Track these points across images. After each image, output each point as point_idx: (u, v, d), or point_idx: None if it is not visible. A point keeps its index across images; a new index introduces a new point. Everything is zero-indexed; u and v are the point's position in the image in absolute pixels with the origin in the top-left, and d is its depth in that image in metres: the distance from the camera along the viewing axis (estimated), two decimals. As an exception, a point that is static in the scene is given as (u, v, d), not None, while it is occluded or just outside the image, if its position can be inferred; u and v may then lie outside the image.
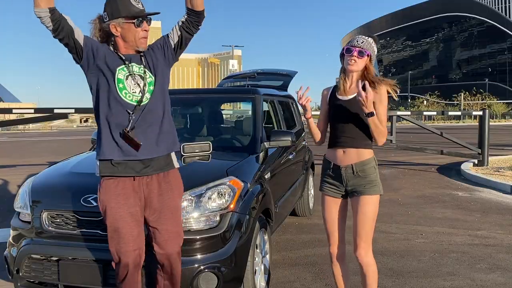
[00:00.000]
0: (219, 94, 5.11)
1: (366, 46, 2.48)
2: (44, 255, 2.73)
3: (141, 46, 2.27)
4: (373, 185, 2.53)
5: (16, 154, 17.03)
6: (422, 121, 41.02)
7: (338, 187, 2.61)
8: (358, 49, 2.46)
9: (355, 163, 2.52)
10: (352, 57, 2.47)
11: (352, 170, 2.52)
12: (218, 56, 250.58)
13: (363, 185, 2.52)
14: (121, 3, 2.18)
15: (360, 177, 2.52)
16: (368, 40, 2.50)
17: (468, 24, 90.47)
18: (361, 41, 2.48)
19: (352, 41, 2.51)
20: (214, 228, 2.72)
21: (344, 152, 2.54)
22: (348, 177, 2.54)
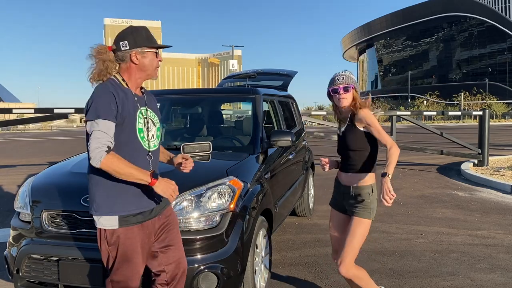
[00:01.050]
0: (219, 94, 5.11)
1: (347, 81, 2.73)
2: (44, 255, 2.72)
3: (155, 76, 2.33)
4: (365, 209, 2.75)
5: (16, 154, 17.03)
6: (422, 121, 41.05)
7: (341, 203, 2.89)
8: (342, 86, 2.72)
9: (353, 185, 2.79)
10: (340, 95, 2.73)
11: (350, 191, 2.80)
12: (218, 56, 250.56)
13: (356, 207, 2.76)
14: (146, 34, 2.27)
15: (355, 199, 2.77)
16: (346, 74, 2.76)
17: (468, 24, 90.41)
18: (341, 78, 2.74)
19: (333, 82, 2.75)
20: (214, 228, 2.72)
21: (348, 175, 2.83)
22: (346, 196, 2.83)
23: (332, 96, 2.79)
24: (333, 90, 2.77)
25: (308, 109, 70.99)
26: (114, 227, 2.16)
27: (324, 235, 4.90)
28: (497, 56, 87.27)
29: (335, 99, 2.79)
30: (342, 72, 2.80)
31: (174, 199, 2.22)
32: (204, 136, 4.34)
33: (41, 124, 53.78)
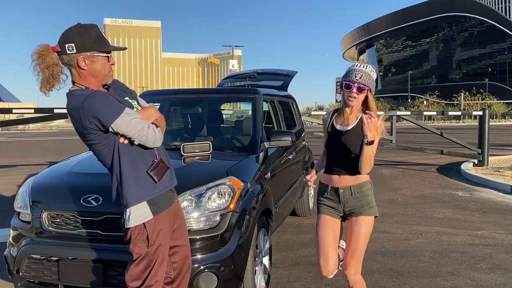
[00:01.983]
0: (219, 94, 5.11)
1: (365, 80, 2.44)
2: (44, 255, 2.73)
3: (110, 80, 2.13)
4: (371, 206, 2.60)
5: (16, 154, 17.03)
6: (422, 121, 41.06)
7: (337, 208, 2.63)
8: (357, 85, 2.43)
9: (352, 185, 2.57)
10: (351, 93, 2.45)
11: (350, 191, 2.57)
12: (218, 56, 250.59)
13: (361, 206, 2.58)
14: (96, 35, 2.02)
15: (358, 198, 2.57)
16: (366, 72, 2.46)
17: (468, 24, 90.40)
18: (359, 75, 2.43)
19: (350, 75, 2.46)
20: (214, 228, 2.72)
21: (340, 177, 2.59)
22: (347, 198, 2.58)
23: (344, 90, 2.51)
24: (346, 85, 2.48)
25: (308, 109, 71.01)
26: (147, 217, 2.09)
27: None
28: (497, 56, 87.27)
29: (346, 94, 2.50)
30: (362, 67, 2.48)
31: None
32: (204, 136, 4.34)
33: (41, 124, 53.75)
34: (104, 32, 2.11)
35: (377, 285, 3.53)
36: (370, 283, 3.56)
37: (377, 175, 9.63)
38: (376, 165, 11.58)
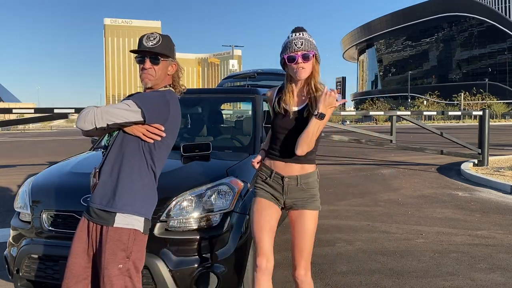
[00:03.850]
0: (219, 94, 5.11)
1: (307, 46, 2.18)
2: (44, 255, 2.73)
3: (142, 82, 2.26)
4: (315, 199, 2.34)
5: (16, 154, 17.03)
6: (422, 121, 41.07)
7: (277, 198, 2.36)
8: (301, 53, 2.17)
9: (299, 174, 2.30)
10: (298, 65, 2.19)
11: (297, 181, 2.30)
12: (218, 56, 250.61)
13: (305, 199, 2.31)
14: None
15: (303, 190, 2.31)
16: (305, 38, 2.19)
17: (468, 24, 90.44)
18: (300, 43, 2.17)
19: (289, 47, 2.20)
20: (214, 228, 2.72)
21: (285, 164, 2.32)
22: (291, 188, 2.32)
23: (288, 65, 2.23)
24: (289, 58, 2.19)
25: (308, 109, 70.64)
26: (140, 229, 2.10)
27: (324, 235, 4.90)
28: (497, 56, 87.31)
29: (290, 70, 2.23)
30: (300, 34, 2.21)
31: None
32: (204, 136, 4.34)
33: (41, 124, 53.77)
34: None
35: (377, 285, 3.53)
36: (370, 283, 3.56)
37: (377, 175, 9.63)
38: (376, 165, 11.58)
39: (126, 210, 2.07)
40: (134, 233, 2.08)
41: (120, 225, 2.05)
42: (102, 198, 2.09)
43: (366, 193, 7.46)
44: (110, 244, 2.04)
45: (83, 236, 2.16)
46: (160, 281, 2.54)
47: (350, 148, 16.83)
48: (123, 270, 2.05)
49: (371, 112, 11.83)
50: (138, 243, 2.10)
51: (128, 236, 2.06)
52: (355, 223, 5.46)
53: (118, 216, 2.06)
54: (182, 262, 2.59)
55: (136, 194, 2.10)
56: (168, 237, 2.63)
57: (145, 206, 2.13)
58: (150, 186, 2.16)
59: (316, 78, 2.26)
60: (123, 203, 2.07)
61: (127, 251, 2.06)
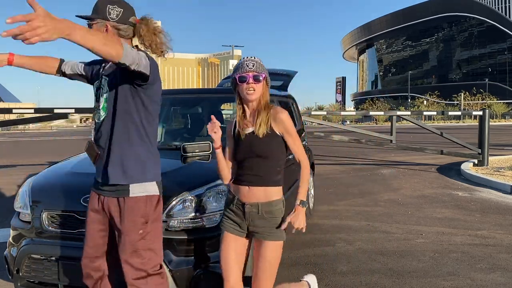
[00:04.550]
0: (219, 94, 5.11)
1: (258, 68, 2.22)
2: (44, 255, 2.73)
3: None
4: (278, 229, 2.26)
5: (16, 154, 17.03)
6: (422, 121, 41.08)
7: (240, 225, 2.30)
8: (252, 74, 2.19)
9: (261, 202, 2.24)
10: (249, 85, 2.20)
11: (258, 209, 2.24)
12: (218, 56, 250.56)
13: (267, 229, 2.25)
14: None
15: (265, 219, 2.24)
16: (257, 61, 2.25)
17: (468, 24, 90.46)
18: (251, 64, 2.21)
19: (241, 67, 2.23)
20: (214, 228, 2.72)
21: (249, 189, 2.26)
22: (252, 216, 2.25)
23: (239, 85, 2.23)
24: (240, 78, 2.21)
25: (308, 109, 71.00)
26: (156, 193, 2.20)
27: (324, 235, 4.91)
28: (497, 56, 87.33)
29: (241, 90, 2.23)
30: (252, 57, 2.27)
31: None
32: (204, 136, 4.34)
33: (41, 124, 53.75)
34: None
35: (377, 285, 3.53)
36: (370, 283, 3.56)
37: (377, 175, 9.63)
38: (376, 165, 11.59)
39: (138, 180, 2.14)
40: (150, 199, 2.18)
41: (136, 194, 2.14)
42: (111, 174, 2.13)
43: (366, 193, 7.46)
44: (129, 212, 2.13)
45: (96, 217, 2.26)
46: (160, 281, 2.54)
47: (350, 148, 16.83)
48: (144, 234, 2.15)
49: (371, 112, 11.83)
50: (155, 206, 2.20)
51: (146, 203, 2.16)
52: (355, 223, 5.46)
53: (132, 186, 2.14)
54: (182, 262, 2.59)
55: (141, 162, 2.16)
56: (168, 237, 2.63)
57: (152, 171, 2.19)
58: (151, 151, 2.21)
59: (263, 100, 2.26)
60: (132, 174, 2.13)
61: (145, 217, 2.15)
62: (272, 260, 2.24)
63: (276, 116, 2.23)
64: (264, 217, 2.24)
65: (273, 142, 2.24)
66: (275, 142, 2.25)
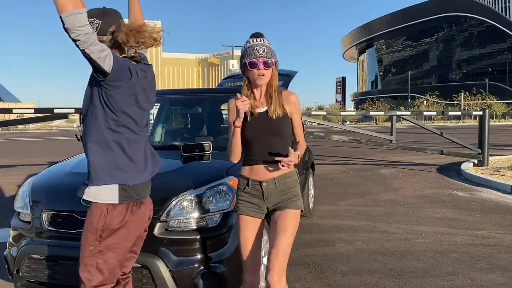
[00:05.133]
0: (219, 94, 5.11)
1: (268, 53, 2.24)
2: (44, 255, 2.73)
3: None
4: (296, 199, 2.31)
5: (16, 154, 17.03)
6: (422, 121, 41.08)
7: (259, 205, 2.31)
8: (262, 60, 2.22)
9: (277, 176, 2.28)
10: (259, 71, 2.23)
11: (275, 184, 2.28)
12: (218, 56, 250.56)
13: (286, 200, 2.29)
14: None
15: (283, 191, 2.29)
16: (266, 45, 2.26)
17: (468, 24, 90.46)
18: (262, 49, 2.23)
19: (252, 51, 2.23)
20: (214, 228, 2.72)
21: (265, 167, 2.29)
22: (270, 192, 2.29)
23: (249, 70, 2.25)
24: (250, 64, 2.22)
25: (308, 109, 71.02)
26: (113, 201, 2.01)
27: (324, 235, 4.91)
28: (497, 56, 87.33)
29: (251, 75, 2.26)
30: (261, 41, 2.26)
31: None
32: (204, 136, 4.34)
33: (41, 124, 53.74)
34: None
35: (377, 285, 3.53)
36: (370, 283, 3.56)
37: (377, 175, 9.63)
38: (376, 165, 11.59)
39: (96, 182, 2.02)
40: (107, 210, 2.01)
41: (89, 198, 2.04)
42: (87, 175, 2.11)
43: (366, 193, 7.46)
44: (85, 222, 2.06)
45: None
46: (160, 281, 2.55)
47: (350, 148, 16.83)
48: (94, 252, 2.02)
49: (371, 112, 11.84)
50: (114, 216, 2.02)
51: (100, 216, 2.01)
52: (355, 223, 5.46)
53: (90, 188, 2.04)
54: (182, 262, 2.59)
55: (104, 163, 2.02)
56: (168, 237, 2.64)
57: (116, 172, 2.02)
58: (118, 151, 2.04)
59: (274, 83, 2.32)
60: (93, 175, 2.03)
61: (96, 234, 2.01)
62: (290, 229, 2.24)
63: (289, 98, 2.34)
64: (282, 189, 2.30)
65: (285, 121, 2.32)
66: (286, 121, 2.33)
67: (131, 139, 2.08)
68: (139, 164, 2.10)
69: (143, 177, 2.11)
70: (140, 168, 2.10)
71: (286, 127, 2.33)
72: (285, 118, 2.31)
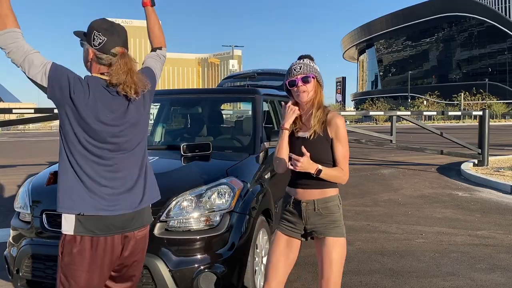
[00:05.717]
0: (219, 94, 5.12)
1: (306, 69, 2.24)
2: (44, 255, 2.72)
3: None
4: (336, 225, 2.26)
5: (16, 154, 17.03)
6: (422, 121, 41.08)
7: (296, 224, 2.31)
8: (300, 76, 2.23)
9: (317, 199, 2.26)
10: (299, 88, 2.24)
11: (314, 206, 2.25)
12: (218, 56, 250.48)
13: (324, 225, 2.25)
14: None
15: (321, 215, 2.25)
16: (305, 63, 2.27)
17: (468, 24, 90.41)
18: (298, 67, 2.25)
19: (289, 73, 2.27)
20: (214, 228, 2.72)
21: (304, 190, 2.28)
22: (309, 213, 2.26)
23: (290, 90, 2.29)
24: (290, 83, 2.26)
25: (308, 109, 70.61)
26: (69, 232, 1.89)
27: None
28: (497, 56, 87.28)
29: (294, 94, 2.28)
30: (300, 61, 2.30)
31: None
32: (204, 136, 4.34)
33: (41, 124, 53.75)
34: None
35: (377, 285, 3.53)
36: (370, 283, 3.56)
37: (377, 175, 9.63)
38: (376, 165, 11.58)
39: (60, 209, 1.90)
40: (64, 239, 1.92)
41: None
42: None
43: (366, 193, 7.46)
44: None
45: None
46: (160, 281, 2.55)
47: (350, 148, 16.78)
48: (58, 284, 1.94)
49: (371, 112, 11.83)
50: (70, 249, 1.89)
51: (61, 243, 1.93)
52: (355, 223, 5.46)
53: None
54: (182, 262, 2.60)
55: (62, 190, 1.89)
56: (168, 237, 2.64)
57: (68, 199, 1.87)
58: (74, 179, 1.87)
59: (319, 100, 2.28)
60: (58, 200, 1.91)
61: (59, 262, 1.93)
62: (338, 260, 2.21)
63: (332, 120, 2.25)
64: (320, 213, 2.25)
65: (324, 146, 2.24)
66: (326, 146, 2.25)
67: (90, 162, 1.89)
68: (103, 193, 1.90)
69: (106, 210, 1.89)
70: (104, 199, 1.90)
71: (323, 151, 2.24)
72: (323, 141, 2.24)
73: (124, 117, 1.93)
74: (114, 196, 1.91)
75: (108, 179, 1.91)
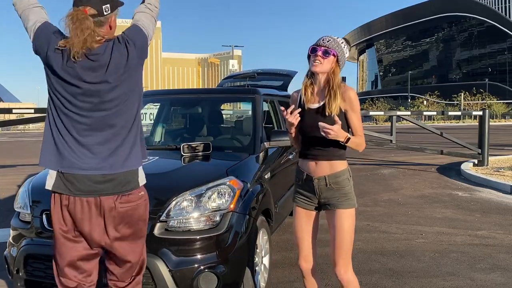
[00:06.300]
0: (219, 94, 5.12)
1: (332, 45, 2.27)
2: (44, 255, 2.72)
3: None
4: (347, 198, 2.38)
5: (16, 154, 17.03)
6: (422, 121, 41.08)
7: (311, 198, 2.45)
8: (323, 48, 2.26)
9: (328, 174, 2.36)
10: (316, 57, 2.27)
11: (325, 182, 2.36)
12: (218, 56, 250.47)
13: (336, 198, 2.37)
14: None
15: (333, 189, 2.37)
16: (335, 40, 2.30)
17: (468, 24, 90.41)
18: (327, 39, 2.29)
19: (318, 40, 2.32)
20: (214, 228, 2.72)
21: (316, 164, 2.38)
22: (321, 189, 2.38)
23: (310, 55, 2.33)
24: (312, 49, 2.30)
25: (308, 109, 70.62)
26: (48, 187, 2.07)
27: (324, 235, 4.88)
28: (497, 56, 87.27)
29: (310, 61, 2.32)
30: (330, 35, 2.34)
31: None
32: (204, 136, 4.34)
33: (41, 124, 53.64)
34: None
35: (377, 285, 3.53)
36: (370, 283, 3.56)
37: (377, 175, 9.63)
38: (376, 165, 11.58)
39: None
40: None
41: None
42: None
43: (366, 193, 7.46)
44: None
45: None
46: (160, 281, 2.55)
47: (350, 148, 16.79)
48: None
49: (371, 112, 11.83)
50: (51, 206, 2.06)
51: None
52: (355, 223, 5.45)
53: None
54: (182, 262, 2.59)
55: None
56: (168, 237, 2.64)
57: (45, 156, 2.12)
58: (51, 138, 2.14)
59: (334, 79, 2.30)
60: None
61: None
62: (347, 228, 2.36)
63: (345, 94, 2.31)
64: (332, 188, 2.37)
65: (340, 118, 2.27)
66: (341, 119, 2.28)
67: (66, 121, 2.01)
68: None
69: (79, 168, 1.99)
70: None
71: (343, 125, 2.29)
72: (339, 115, 2.29)
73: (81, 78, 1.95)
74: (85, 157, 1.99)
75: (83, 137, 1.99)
